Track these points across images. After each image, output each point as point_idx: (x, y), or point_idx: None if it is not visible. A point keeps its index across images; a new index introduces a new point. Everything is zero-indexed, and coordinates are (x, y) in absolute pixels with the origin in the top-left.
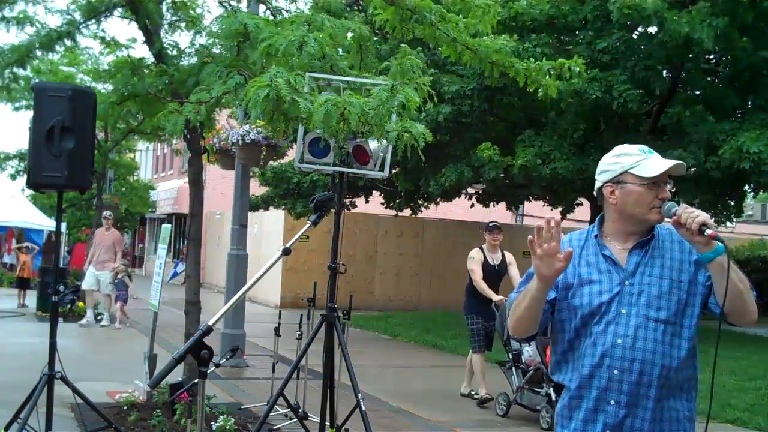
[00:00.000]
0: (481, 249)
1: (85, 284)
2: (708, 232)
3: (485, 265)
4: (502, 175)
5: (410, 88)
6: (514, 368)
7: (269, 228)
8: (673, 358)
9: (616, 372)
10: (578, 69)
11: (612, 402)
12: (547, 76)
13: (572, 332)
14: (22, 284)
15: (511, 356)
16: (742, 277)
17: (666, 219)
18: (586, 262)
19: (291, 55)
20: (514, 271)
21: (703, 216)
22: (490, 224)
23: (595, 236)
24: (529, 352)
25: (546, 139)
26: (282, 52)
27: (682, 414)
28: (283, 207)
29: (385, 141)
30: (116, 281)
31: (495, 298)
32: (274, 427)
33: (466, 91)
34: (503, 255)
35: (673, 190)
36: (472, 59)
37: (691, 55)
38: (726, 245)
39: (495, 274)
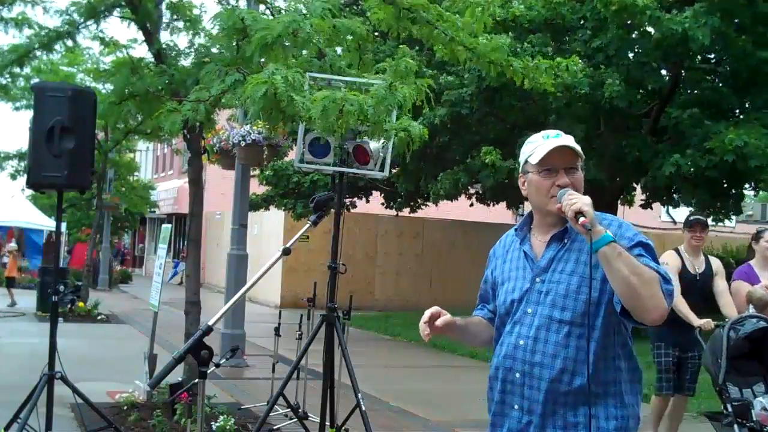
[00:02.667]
0: (678, 252)
1: None
2: (581, 219)
3: (684, 275)
4: (505, 180)
5: (408, 88)
6: (737, 426)
7: (269, 228)
8: (578, 363)
9: (518, 375)
10: (576, 67)
11: (515, 407)
12: (544, 75)
13: (496, 332)
14: (10, 283)
15: (731, 408)
16: (641, 270)
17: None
18: (511, 257)
19: (285, 36)
20: (721, 283)
21: (580, 203)
22: (692, 218)
23: (516, 229)
24: (763, 403)
25: None
26: (275, 40)
27: (605, 421)
28: (283, 207)
29: (384, 140)
30: None
31: (697, 322)
32: (274, 427)
33: (464, 96)
34: (707, 261)
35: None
36: (469, 58)
37: (689, 53)
38: (613, 235)
39: (697, 288)
